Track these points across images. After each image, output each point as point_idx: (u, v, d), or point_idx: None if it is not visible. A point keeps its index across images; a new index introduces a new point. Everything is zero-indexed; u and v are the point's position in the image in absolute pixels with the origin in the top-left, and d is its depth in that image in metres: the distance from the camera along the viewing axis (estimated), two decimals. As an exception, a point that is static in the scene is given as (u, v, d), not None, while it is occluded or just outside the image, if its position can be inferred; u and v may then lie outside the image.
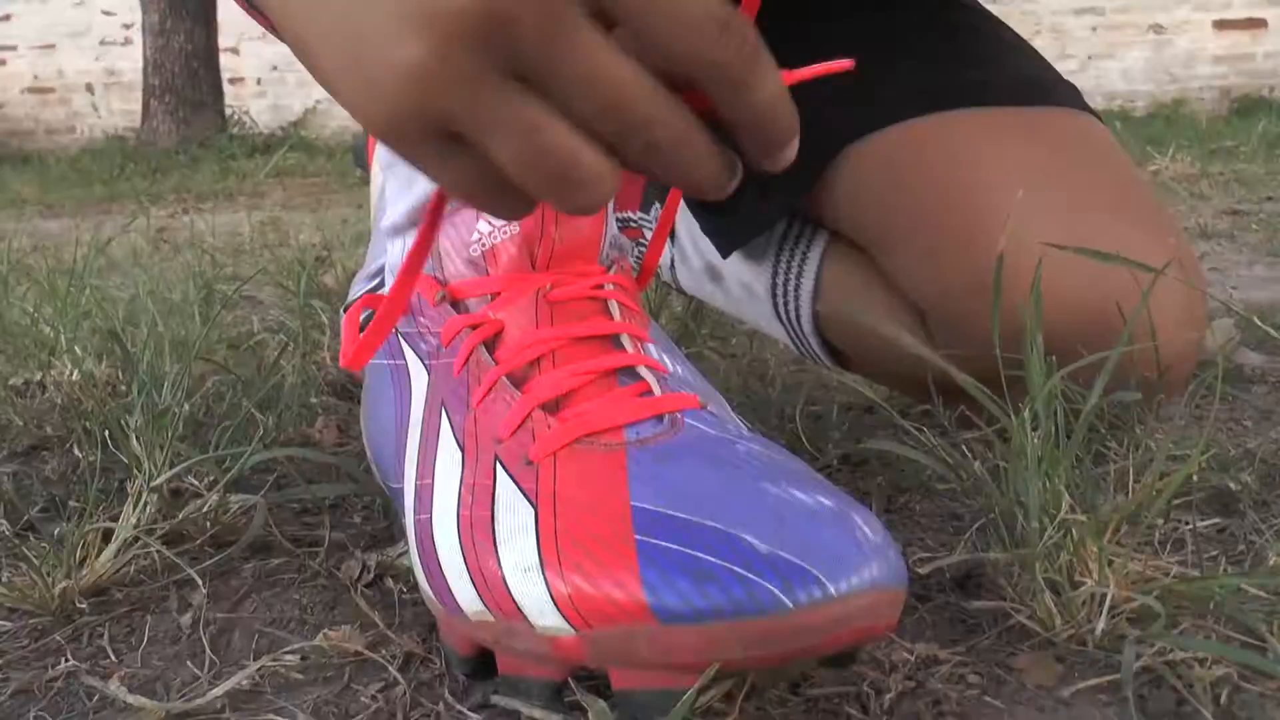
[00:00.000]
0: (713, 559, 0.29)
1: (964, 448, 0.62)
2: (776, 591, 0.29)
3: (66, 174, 4.23)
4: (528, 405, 0.37)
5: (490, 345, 0.41)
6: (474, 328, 0.42)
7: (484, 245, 0.44)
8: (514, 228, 0.43)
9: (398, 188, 0.49)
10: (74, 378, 0.84)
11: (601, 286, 0.42)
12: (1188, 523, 0.49)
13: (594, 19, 0.27)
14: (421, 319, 0.46)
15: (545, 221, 0.43)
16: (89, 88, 5.36)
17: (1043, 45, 4.45)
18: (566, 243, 0.43)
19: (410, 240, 0.47)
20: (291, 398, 0.75)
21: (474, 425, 0.38)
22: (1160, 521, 0.47)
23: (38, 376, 0.89)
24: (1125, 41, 4.46)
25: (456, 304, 0.44)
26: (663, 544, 0.30)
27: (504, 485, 0.35)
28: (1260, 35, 4.37)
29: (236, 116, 4.96)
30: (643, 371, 0.38)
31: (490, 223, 0.44)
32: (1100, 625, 0.36)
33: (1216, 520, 0.49)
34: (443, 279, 0.45)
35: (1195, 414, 0.69)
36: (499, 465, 0.36)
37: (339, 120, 5.26)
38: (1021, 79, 0.65)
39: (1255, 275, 1.36)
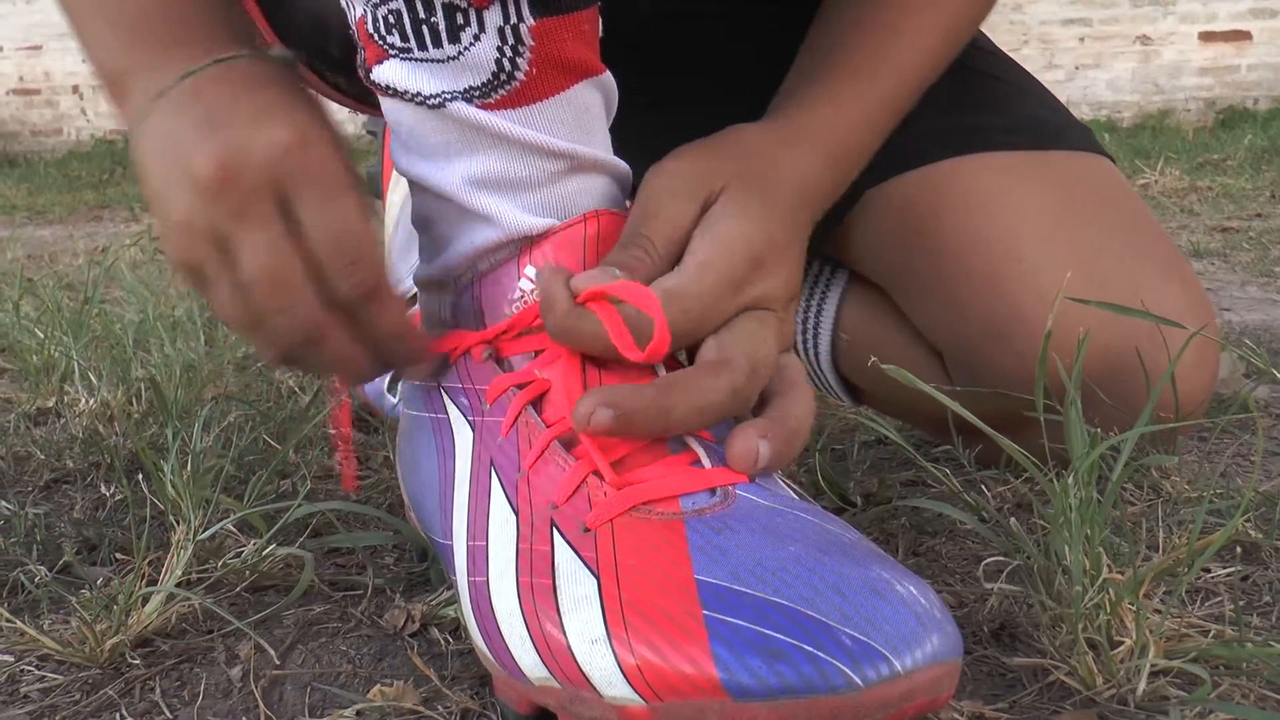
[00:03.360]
0: (783, 637, 0.30)
1: (983, 487, 0.63)
2: (847, 670, 0.29)
3: (55, 178, 4.21)
4: (582, 471, 0.38)
5: (537, 404, 0.42)
6: (520, 386, 0.43)
7: (525, 302, 0.44)
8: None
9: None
10: (90, 406, 0.84)
11: (644, 347, 0.43)
12: (1210, 571, 0.50)
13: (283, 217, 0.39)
14: (463, 373, 0.47)
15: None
16: (76, 90, 5.32)
17: (1030, 55, 4.49)
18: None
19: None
20: (314, 431, 0.75)
21: (527, 488, 0.39)
22: (1183, 571, 0.48)
23: (50, 403, 0.89)
24: (1112, 52, 4.50)
25: (500, 360, 0.45)
26: (731, 620, 0.31)
27: (563, 553, 0.36)
28: (1245, 47, 4.42)
29: (225, 120, 4.94)
30: (690, 441, 0.39)
31: (531, 280, 0.45)
32: (1141, 686, 0.37)
33: (1238, 568, 0.50)
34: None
35: (1205, 450, 0.71)
36: (556, 531, 0.37)
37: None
38: (1037, 123, 0.66)
39: (1249, 296, 1.37)
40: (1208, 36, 4.43)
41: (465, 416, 0.45)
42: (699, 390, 0.39)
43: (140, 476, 0.66)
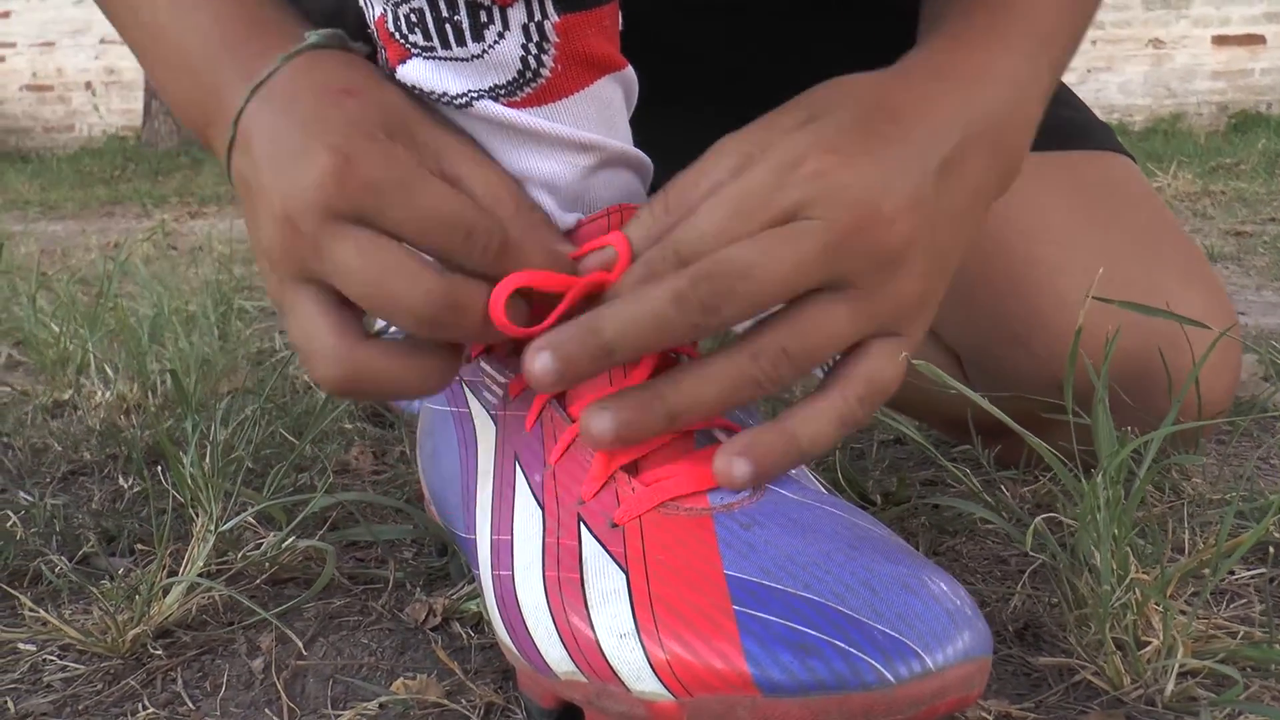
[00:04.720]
0: (814, 632, 0.30)
1: (1002, 487, 0.63)
2: (879, 666, 0.29)
3: (67, 174, 4.22)
4: (609, 467, 0.38)
5: (560, 399, 0.42)
6: (546, 381, 0.42)
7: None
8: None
9: None
10: (106, 398, 0.84)
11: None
12: (1235, 573, 0.49)
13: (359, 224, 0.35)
14: (485, 367, 0.47)
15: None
16: (89, 86, 5.34)
17: (1042, 58, 4.47)
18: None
19: None
20: (330, 425, 0.75)
21: (553, 483, 0.39)
22: (1207, 572, 0.48)
23: (67, 395, 0.89)
24: (1124, 55, 4.49)
25: (525, 354, 0.44)
26: (762, 615, 0.31)
27: (591, 547, 0.36)
28: (1258, 51, 4.40)
29: (237, 117, 4.96)
30: (719, 435, 0.39)
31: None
32: (1169, 686, 0.37)
33: (1265, 570, 0.49)
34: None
35: (1224, 453, 0.70)
36: (583, 526, 0.37)
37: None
38: (1059, 123, 0.66)
39: (1264, 300, 1.37)
40: (1220, 40, 4.42)
41: (488, 410, 0.45)
42: (699, 379, 0.36)
43: (159, 468, 0.66)
